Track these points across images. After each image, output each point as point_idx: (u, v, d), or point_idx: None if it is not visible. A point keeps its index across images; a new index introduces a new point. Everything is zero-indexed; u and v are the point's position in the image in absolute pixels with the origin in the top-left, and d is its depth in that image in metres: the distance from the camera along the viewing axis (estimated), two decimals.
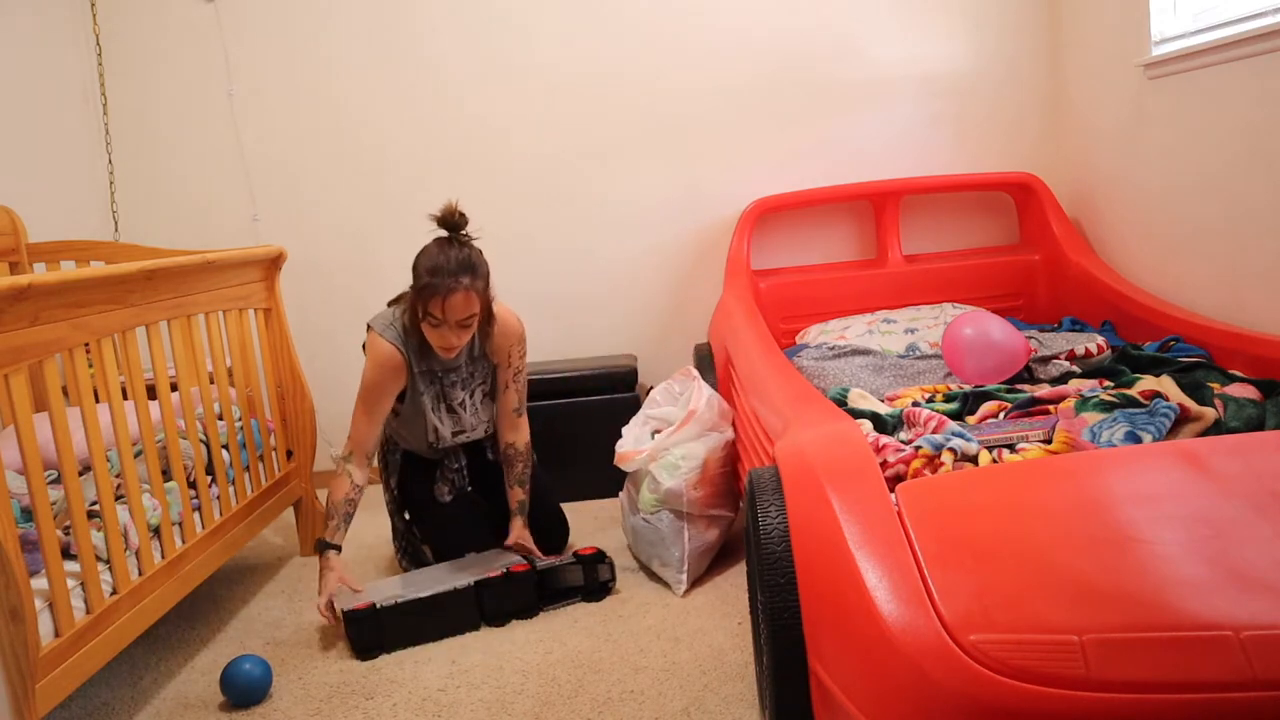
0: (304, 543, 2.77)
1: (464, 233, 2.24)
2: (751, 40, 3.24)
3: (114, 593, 1.80)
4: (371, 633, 2.09)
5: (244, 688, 1.91)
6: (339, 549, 2.23)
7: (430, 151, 3.31)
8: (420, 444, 2.42)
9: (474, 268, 2.18)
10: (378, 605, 2.09)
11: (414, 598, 2.13)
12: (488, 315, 2.28)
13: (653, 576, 2.38)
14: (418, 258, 2.21)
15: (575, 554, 2.28)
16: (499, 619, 2.20)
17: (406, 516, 2.53)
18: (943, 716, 1.09)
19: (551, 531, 2.54)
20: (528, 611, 2.22)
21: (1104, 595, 1.13)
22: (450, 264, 2.15)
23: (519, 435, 2.46)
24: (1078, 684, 1.05)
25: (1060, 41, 3.19)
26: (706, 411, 2.40)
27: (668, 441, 2.35)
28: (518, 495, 2.45)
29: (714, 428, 2.41)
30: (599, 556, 2.29)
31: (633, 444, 2.45)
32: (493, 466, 2.54)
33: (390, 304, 2.37)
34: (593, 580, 2.28)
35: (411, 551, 2.52)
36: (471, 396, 2.40)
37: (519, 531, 2.41)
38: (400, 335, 2.28)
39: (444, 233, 2.23)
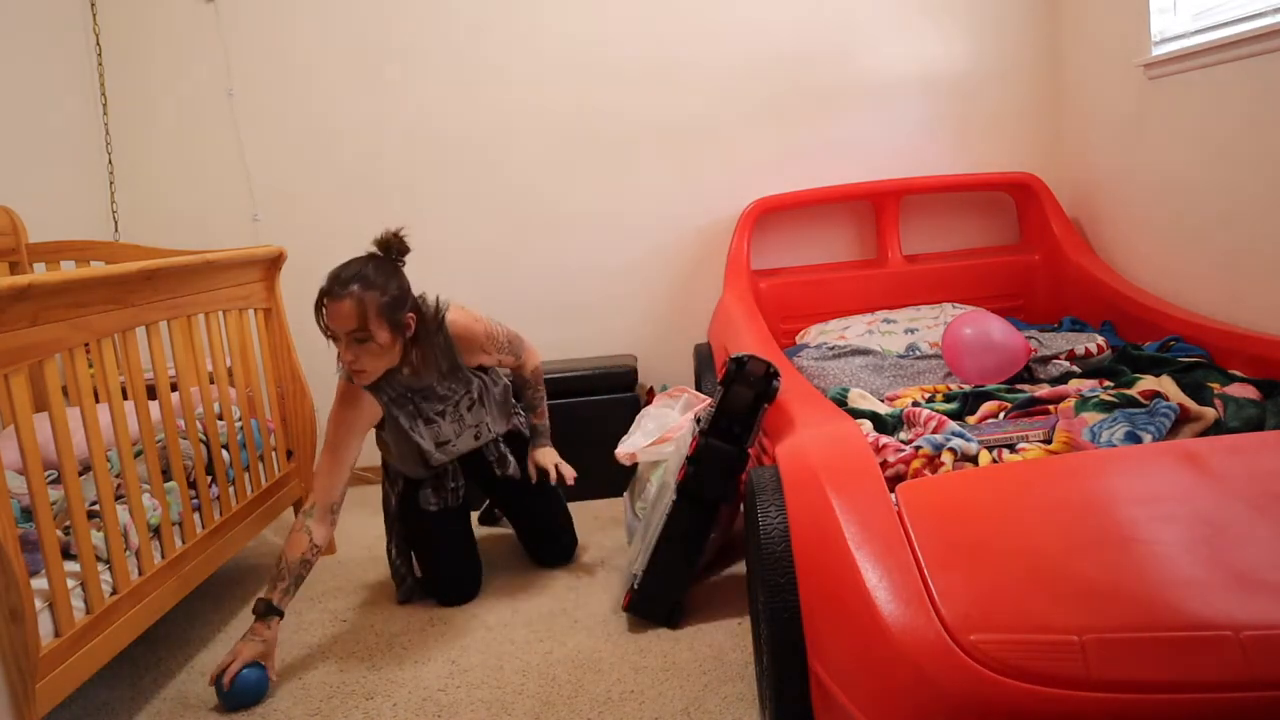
0: None
1: (399, 260, 2.16)
2: (751, 40, 3.24)
3: (114, 593, 1.81)
4: None
5: (238, 693, 1.90)
6: (281, 615, 2.01)
7: (430, 151, 3.31)
8: (414, 466, 2.32)
9: (366, 279, 2.03)
10: None
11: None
12: (429, 335, 2.16)
13: None
14: None
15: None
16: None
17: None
18: (943, 716, 1.09)
19: (558, 539, 2.53)
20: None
21: (1104, 595, 1.13)
22: (345, 273, 2.04)
23: (525, 363, 2.46)
24: (1078, 684, 1.05)
25: (1060, 41, 3.19)
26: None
27: (668, 439, 2.34)
28: (532, 420, 2.52)
29: None
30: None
31: (631, 446, 2.44)
32: (513, 484, 2.47)
33: None
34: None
35: (401, 577, 2.42)
36: (456, 408, 2.31)
37: (540, 454, 2.49)
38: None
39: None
